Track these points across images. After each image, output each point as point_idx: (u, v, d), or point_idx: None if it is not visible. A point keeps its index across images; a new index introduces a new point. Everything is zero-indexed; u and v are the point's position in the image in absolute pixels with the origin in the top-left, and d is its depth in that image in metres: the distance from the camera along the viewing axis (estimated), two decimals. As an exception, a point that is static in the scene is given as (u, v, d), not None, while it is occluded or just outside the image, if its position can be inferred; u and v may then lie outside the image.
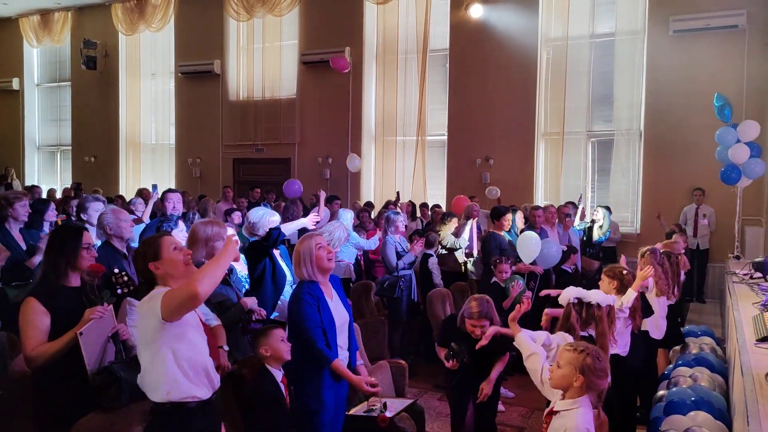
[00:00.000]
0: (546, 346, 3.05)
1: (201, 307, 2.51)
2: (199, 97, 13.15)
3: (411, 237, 6.59)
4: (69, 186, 12.97)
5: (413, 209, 9.45)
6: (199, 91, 13.17)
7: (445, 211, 8.66)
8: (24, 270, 4.27)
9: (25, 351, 2.71)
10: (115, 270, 3.60)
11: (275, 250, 4.23)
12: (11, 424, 2.94)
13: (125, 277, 3.59)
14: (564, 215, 7.41)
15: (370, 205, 10.02)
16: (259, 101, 12.62)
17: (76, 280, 2.90)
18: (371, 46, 11.64)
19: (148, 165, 14.14)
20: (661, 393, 4.19)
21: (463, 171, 10.73)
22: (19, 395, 2.99)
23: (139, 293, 3.09)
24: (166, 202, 5.59)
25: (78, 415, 2.57)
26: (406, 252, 6.16)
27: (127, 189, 13.49)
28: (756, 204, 8.32)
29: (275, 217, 4.50)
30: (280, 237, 4.05)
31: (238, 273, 4.18)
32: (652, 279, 4.43)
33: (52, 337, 2.72)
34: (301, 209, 7.51)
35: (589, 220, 7.70)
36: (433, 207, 9.23)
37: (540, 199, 10.09)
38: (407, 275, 6.12)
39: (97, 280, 3.20)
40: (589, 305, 3.18)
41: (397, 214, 6.63)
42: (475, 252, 6.77)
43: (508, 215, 6.44)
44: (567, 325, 3.16)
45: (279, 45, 12.42)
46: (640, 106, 9.57)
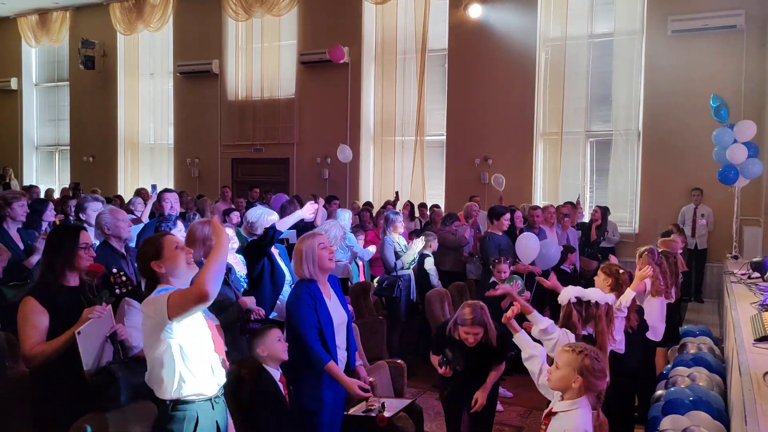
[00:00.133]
0: (547, 332, 3.07)
1: None
2: (198, 97, 13.13)
3: (410, 236, 6.59)
4: (67, 186, 12.95)
5: (412, 209, 9.45)
6: (197, 91, 13.16)
7: (445, 211, 8.66)
8: (22, 270, 4.26)
9: (24, 350, 2.72)
10: (114, 270, 3.59)
11: (274, 249, 4.23)
12: (10, 424, 2.94)
13: (123, 277, 3.59)
14: (562, 215, 7.41)
15: (369, 205, 10.02)
16: (258, 101, 12.60)
17: (74, 280, 2.91)
18: (370, 45, 11.63)
19: (147, 165, 14.12)
20: (659, 393, 4.19)
21: (461, 171, 10.73)
22: (17, 395, 2.99)
23: (138, 293, 3.09)
24: (163, 202, 5.58)
25: (76, 415, 2.56)
26: (404, 252, 6.16)
27: (125, 189, 13.47)
28: (754, 204, 8.33)
29: (273, 216, 4.51)
30: (276, 235, 4.04)
31: (236, 273, 4.17)
32: (649, 280, 4.44)
33: (50, 336, 2.73)
34: (299, 208, 7.50)
35: (587, 219, 7.70)
36: (431, 207, 9.22)
37: (538, 199, 10.09)
38: (406, 275, 6.12)
39: (96, 279, 3.20)
40: (588, 303, 3.19)
41: (397, 214, 6.63)
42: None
43: (507, 215, 6.45)
44: (568, 324, 3.17)
45: (278, 45, 12.41)
46: (639, 106, 9.58)
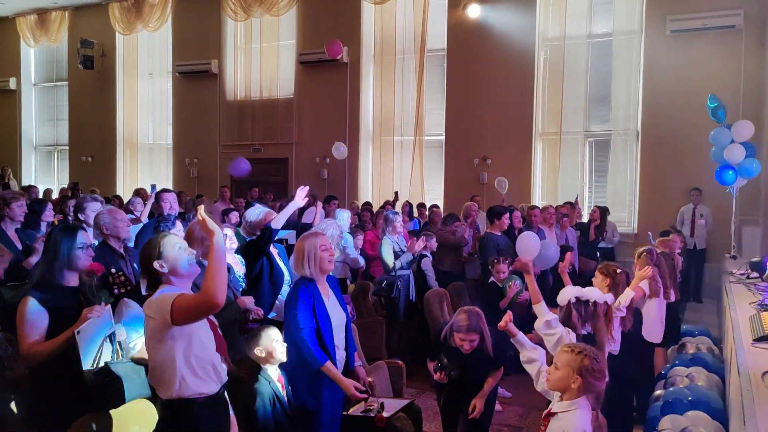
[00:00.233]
0: (551, 326, 3.12)
1: None
2: (197, 97, 13.13)
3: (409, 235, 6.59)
4: (66, 186, 12.94)
5: (410, 209, 9.45)
6: (196, 91, 13.15)
7: (443, 212, 8.66)
8: (20, 270, 4.25)
9: (22, 350, 2.73)
10: (112, 270, 3.59)
11: (273, 249, 4.23)
12: (7, 424, 2.93)
13: (122, 278, 3.59)
14: (561, 215, 7.41)
15: (368, 205, 10.02)
16: (257, 101, 12.60)
17: (73, 280, 2.91)
18: (369, 45, 11.63)
19: (146, 165, 14.12)
20: (658, 392, 4.19)
21: (460, 171, 10.73)
22: (15, 395, 2.98)
23: (136, 293, 3.09)
24: (162, 202, 5.57)
25: (75, 415, 2.57)
26: (403, 252, 6.15)
27: (124, 189, 13.47)
28: (753, 204, 8.33)
29: (272, 216, 4.50)
30: (274, 234, 4.04)
31: (235, 273, 4.17)
32: (646, 282, 4.45)
33: (49, 336, 2.73)
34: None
35: (586, 219, 7.71)
36: (430, 207, 9.23)
37: (537, 199, 10.09)
38: (405, 275, 6.11)
39: (94, 279, 3.20)
40: (587, 303, 3.20)
41: (396, 214, 6.63)
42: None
43: (507, 215, 6.45)
44: (568, 324, 3.19)
45: (276, 45, 12.41)
46: (638, 106, 9.58)
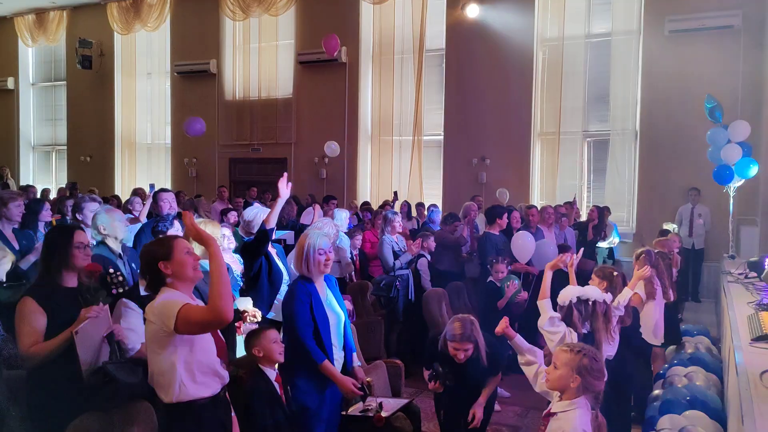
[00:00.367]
0: (555, 323, 3.17)
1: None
2: (195, 97, 13.11)
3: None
4: (64, 186, 12.92)
5: (408, 209, 9.45)
6: (195, 91, 13.14)
7: (442, 211, 8.65)
8: (17, 271, 4.24)
9: (21, 350, 2.73)
10: (110, 270, 3.58)
11: (271, 249, 4.22)
12: (4, 425, 2.92)
13: (120, 278, 3.58)
14: (560, 215, 7.41)
15: (366, 204, 10.02)
16: (255, 101, 12.60)
17: (72, 281, 2.91)
18: (367, 45, 11.63)
19: (144, 165, 14.11)
20: (656, 392, 4.20)
21: (459, 171, 10.73)
22: (13, 395, 2.98)
23: (134, 293, 3.08)
24: (160, 202, 5.55)
25: (73, 415, 2.56)
26: (403, 252, 6.15)
27: (122, 189, 13.46)
28: (751, 203, 8.34)
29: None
30: (269, 234, 4.02)
31: (233, 272, 4.17)
32: (642, 286, 4.45)
33: (47, 336, 2.72)
34: (296, 208, 7.51)
35: (584, 219, 7.71)
36: (429, 207, 9.22)
37: (536, 199, 10.10)
38: (404, 275, 6.11)
39: (92, 280, 3.19)
40: (587, 302, 3.22)
41: (395, 214, 6.63)
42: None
43: (505, 215, 6.44)
44: (569, 323, 3.21)
45: (275, 44, 12.41)
46: (636, 106, 9.60)
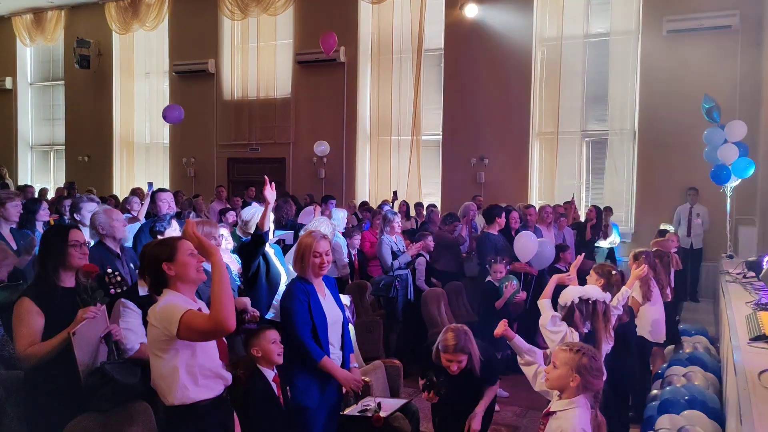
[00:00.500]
0: (556, 322, 3.18)
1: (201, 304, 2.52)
2: (194, 97, 13.09)
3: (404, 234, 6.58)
4: (62, 185, 12.90)
5: (407, 209, 9.46)
6: (193, 91, 13.12)
7: (441, 211, 8.65)
8: (14, 271, 4.22)
9: (18, 351, 2.71)
10: (108, 270, 3.57)
11: (269, 249, 4.21)
12: (2, 425, 2.92)
13: (118, 278, 3.57)
14: (558, 215, 7.41)
15: (365, 204, 10.02)
16: (254, 101, 12.58)
17: (70, 281, 2.90)
18: (366, 45, 11.63)
19: (142, 164, 14.08)
20: (654, 392, 4.20)
21: (457, 170, 10.73)
22: (11, 396, 2.97)
23: (133, 293, 3.08)
24: (159, 202, 5.55)
25: (70, 416, 2.55)
26: (401, 252, 6.15)
27: (120, 189, 13.44)
28: (749, 203, 8.35)
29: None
30: (265, 237, 4.01)
31: (231, 272, 4.16)
32: (638, 288, 4.45)
33: (45, 337, 2.71)
34: (294, 208, 7.50)
35: (582, 218, 7.71)
36: (428, 206, 9.23)
37: (534, 199, 10.10)
38: (403, 275, 6.10)
39: (89, 280, 3.18)
40: (587, 301, 3.23)
41: (395, 213, 6.62)
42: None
43: (503, 215, 6.44)
44: (571, 323, 3.21)
45: (274, 44, 12.40)
46: (634, 106, 9.61)
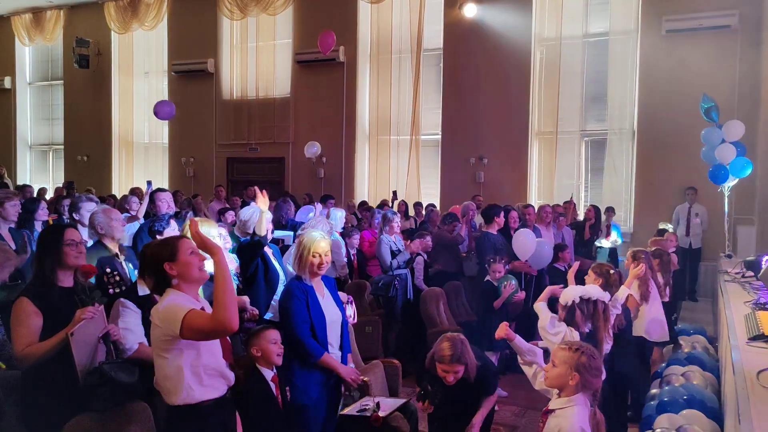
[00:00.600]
0: (555, 324, 3.21)
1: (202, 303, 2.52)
2: (193, 96, 13.09)
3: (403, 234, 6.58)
4: (61, 185, 12.89)
5: (406, 209, 9.46)
6: (192, 90, 13.12)
7: (439, 210, 8.66)
8: (13, 271, 4.22)
9: (16, 351, 2.71)
10: (107, 270, 3.57)
11: (268, 249, 4.21)
12: (1, 425, 2.91)
13: (117, 277, 3.57)
14: (557, 215, 7.42)
15: (364, 204, 10.02)
16: (253, 100, 12.58)
17: (68, 281, 2.89)
18: (365, 45, 11.63)
19: (141, 164, 14.08)
20: (653, 391, 4.20)
21: (456, 170, 10.74)
22: (9, 396, 2.97)
23: (132, 293, 3.08)
24: (158, 201, 5.55)
25: (68, 416, 2.55)
26: (401, 251, 6.15)
27: (119, 188, 13.42)
28: (748, 203, 8.36)
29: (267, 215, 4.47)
30: (264, 241, 4.01)
31: (230, 271, 4.15)
32: (636, 287, 4.46)
33: (43, 337, 2.71)
34: (293, 207, 7.50)
35: (581, 218, 7.72)
36: (427, 206, 9.24)
37: (533, 199, 10.11)
38: (402, 274, 6.11)
39: (86, 280, 3.18)
40: (588, 301, 3.24)
41: (395, 213, 6.62)
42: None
43: (502, 215, 6.44)
44: (572, 323, 3.22)
45: (273, 44, 12.39)
46: (634, 106, 9.61)
